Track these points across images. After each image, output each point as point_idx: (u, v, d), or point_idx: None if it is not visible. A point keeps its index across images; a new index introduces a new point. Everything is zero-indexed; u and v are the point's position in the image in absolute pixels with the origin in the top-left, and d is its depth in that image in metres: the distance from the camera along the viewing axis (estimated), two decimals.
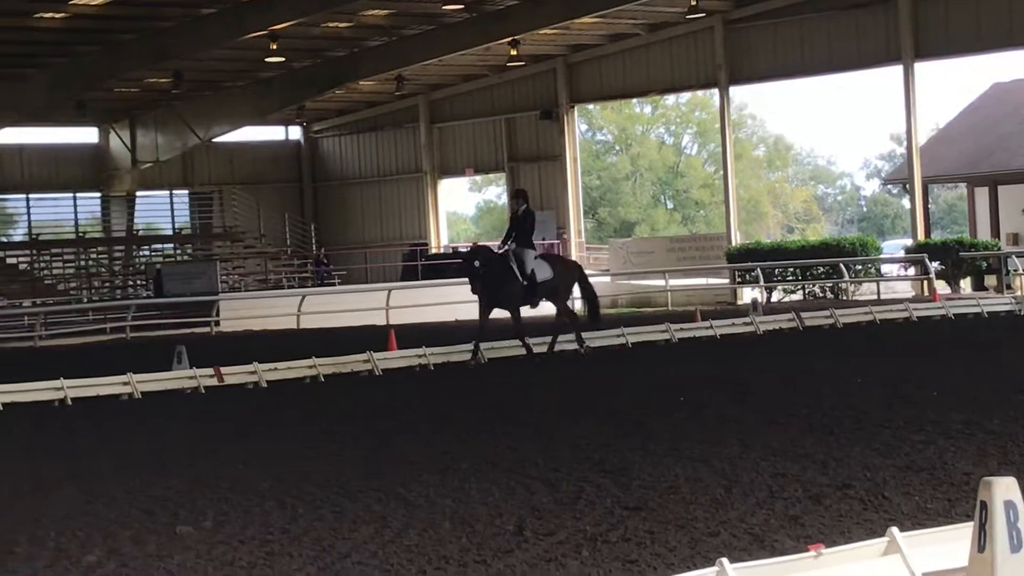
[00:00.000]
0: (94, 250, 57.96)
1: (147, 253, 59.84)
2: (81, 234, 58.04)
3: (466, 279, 26.61)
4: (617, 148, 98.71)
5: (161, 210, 61.51)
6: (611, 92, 59.19)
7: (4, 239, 58.60)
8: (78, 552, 10.40)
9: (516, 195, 27.55)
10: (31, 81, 49.80)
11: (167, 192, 60.97)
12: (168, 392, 23.51)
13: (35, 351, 41.18)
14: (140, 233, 60.06)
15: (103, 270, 57.71)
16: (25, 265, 55.74)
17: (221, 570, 9.61)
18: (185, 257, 58.62)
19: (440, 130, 61.77)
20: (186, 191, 61.93)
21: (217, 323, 46.71)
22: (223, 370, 24.39)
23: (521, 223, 26.66)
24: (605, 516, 10.66)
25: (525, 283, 26.24)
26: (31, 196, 57.25)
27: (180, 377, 24.27)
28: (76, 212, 58.68)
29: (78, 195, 58.68)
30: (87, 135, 59.03)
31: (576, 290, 28.11)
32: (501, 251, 26.56)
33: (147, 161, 58.06)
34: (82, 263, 57.28)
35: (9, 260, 55.62)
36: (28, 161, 57.32)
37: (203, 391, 23.65)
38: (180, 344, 26.40)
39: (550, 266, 26.87)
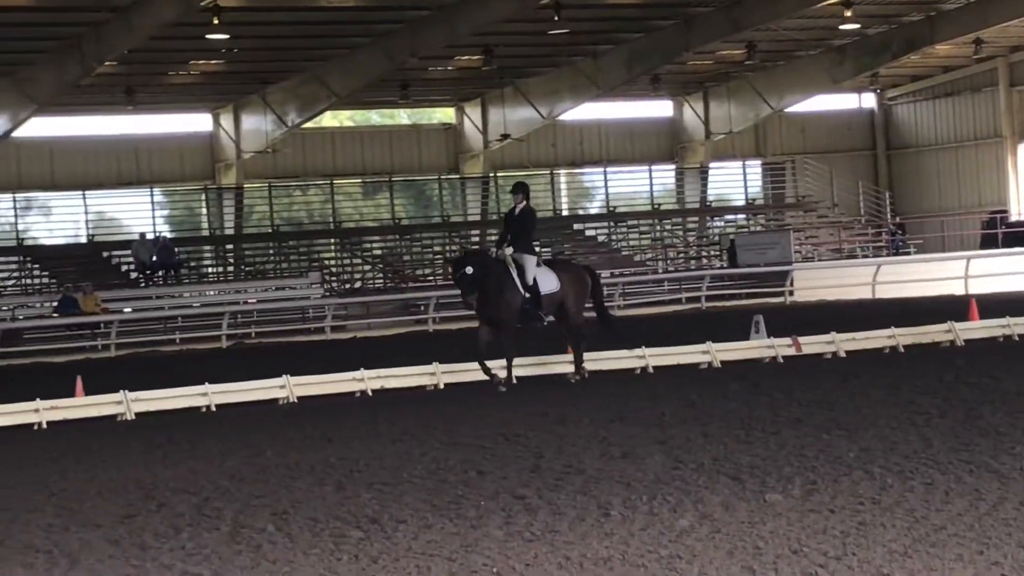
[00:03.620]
0: (668, 221, 59.01)
1: (720, 224, 60.43)
2: (656, 206, 59.19)
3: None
4: None
5: (733, 181, 61.95)
6: None
7: (581, 211, 60.44)
8: (670, 516, 10.60)
9: (515, 189, 22.96)
10: (608, 57, 51.20)
11: (739, 163, 61.34)
12: (746, 361, 23.67)
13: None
14: (713, 204, 60.69)
15: (677, 241, 58.69)
16: (603, 237, 57.37)
17: (813, 539, 9.57)
18: (758, 227, 58.87)
19: (1020, 93, 59.53)
20: (758, 161, 62.12)
21: (791, 293, 46.72)
22: (800, 340, 24.35)
23: (519, 223, 22.64)
24: None
25: (527, 295, 22.13)
26: (608, 169, 58.79)
27: (758, 347, 24.39)
28: (651, 184, 59.88)
29: (653, 167, 59.84)
30: (662, 109, 60.09)
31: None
32: (498, 255, 22.52)
33: (720, 132, 58.61)
34: (657, 234, 58.44)
35: (588, 232, 57.39)
36: (606, 135, 58.86)
37: (780, 360, 23.68)
38: (757, 314, 26.49)
39: (556, 275, 22.59)
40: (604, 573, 9.00)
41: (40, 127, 48.63)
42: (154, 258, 47.57)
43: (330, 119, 54.70)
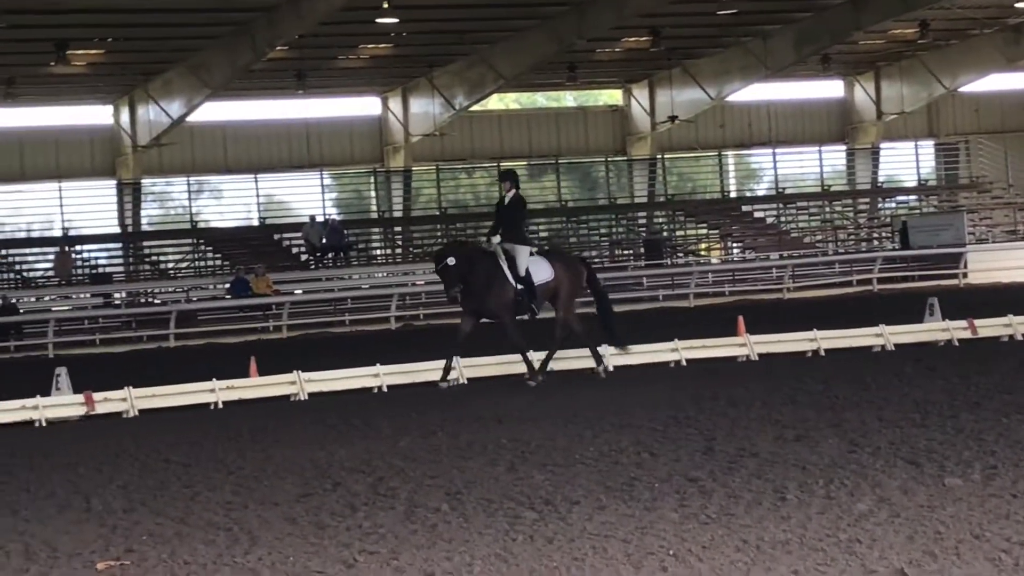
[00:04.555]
0: (838, 203, 58.33)
1: (891, 205, 59.60)
2: (826, 187, 58.51)
3: None
4: None
5: (905, 162, 61.05)
6: None
7: (749, 193, 60.00)
8: (848, 500, 10.46)
9: (503, 177, 22.45)
10: (777, 37, 50.70)
11: (911, 143, 60.40)
12: (921, 344, 23.30)
13: (782, 303, 41.99)
14: (884, 185, 59.86)
15: (847, 223, 57.97)
16: (772, 219, 56.88)
17: (995, 524, 9.38)
18: (930, 209, 57.95)
19: None
20: (931, 142, 61.13)
21: (965, 275, 45.93)
22: (975, 323, 23.92)
23: (509, 212, 21.76)
24: None
25: (519, 287, 21.39)
26: (777, 151, 58.23)
27: (933, 329, 23.99)
28: (821, 165, 59.19)
29: (823, 148, 59.16)
30: (832, 89, 59.37)
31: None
32: (487, 247, 21.84)
33: (892, 112, 57.79)
34: (827, 216, 57.79)
35: (756, 214, 56.95)
36: (774, 116, 58.30)
37: (956, 343, 23.28)
38: (932, 296, 26.04)
39: (549, 264, 21.78)
40: (782, 556, 8.90)
41: (213, 111, 49.50)
42: (324, 240, 48.16)
43: (496, 102, 54.87)
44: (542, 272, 21.53)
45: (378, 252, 53.13)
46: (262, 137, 51.06)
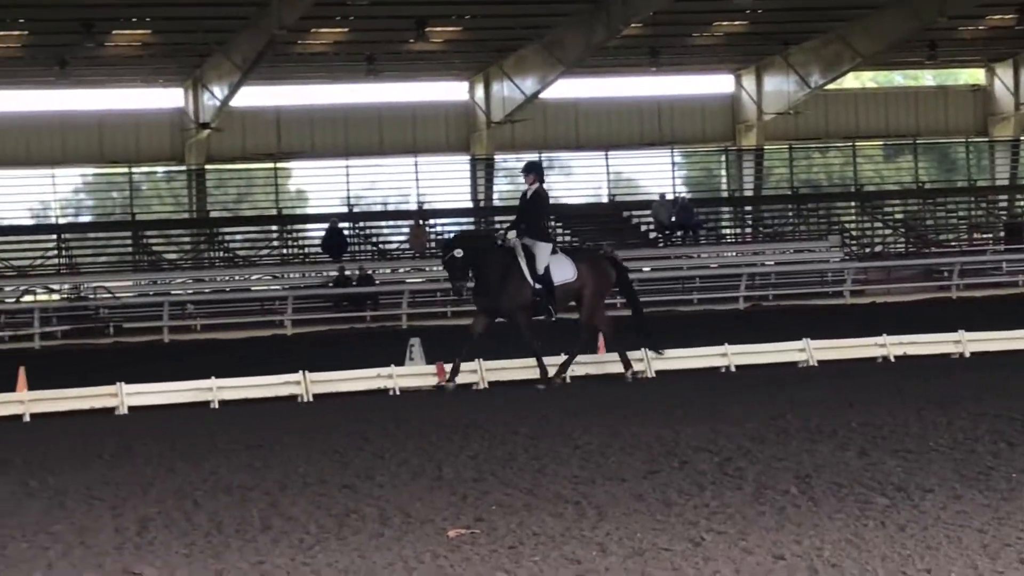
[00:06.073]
0: None
1: None
2: None
3: None
4: None
5: None
6: None
7: None
8: None
9: (528, 169, 20.92)
10: None
11: None
12: None
13: None
14: None
15: None
16: None
17: None
18: None
19: None
20: None
21: None
22: None
23: (530, 206, 20.56)
24: None
25: (537, 286, 20.01)
26: None
27: None
28: None
29: None
30: None
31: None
32: (504, 242, 20.53)
33: None
34: None
35: None
36: None
37: None
38: None
39: (573, 263, 20.37)
40: None
41: (565, 88, 49.89)
42: (673, 218, 48.10)
43: (852, 80, 53.82)
44: (564, 272, 20.26)
45: (727, 231, 52.82)
46: (613, 114, 51.26)
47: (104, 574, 9.13)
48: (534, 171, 20.77)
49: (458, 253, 20.02)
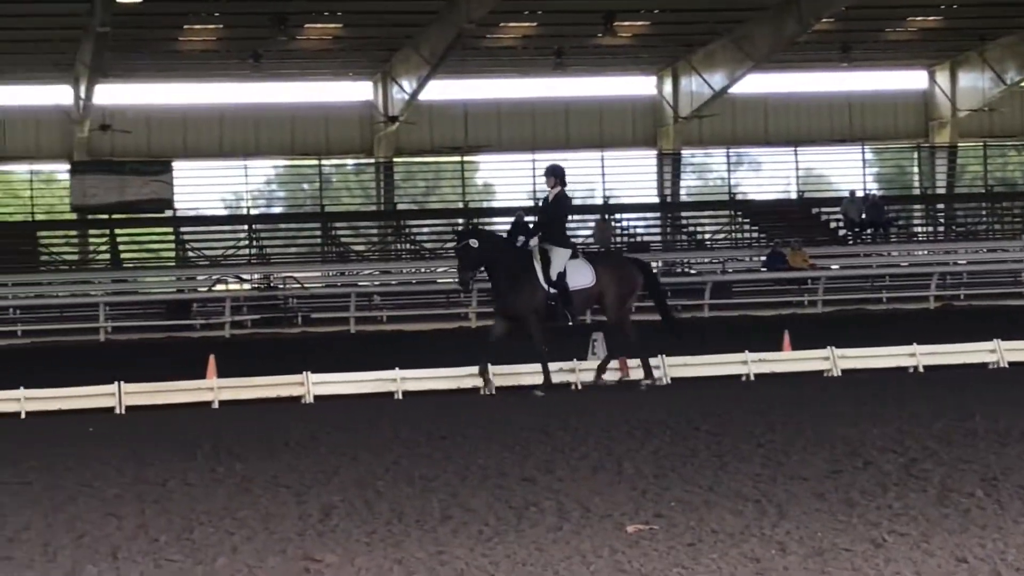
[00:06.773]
0: None
1: None
2: None
3: None
4: None
5: None
6: None
7: None
8: None
9: (550, 173, 20.20)
10: None
11: None
12: None
13: None
14: None
15: None
16: None
17: None
18: None
19: None
20: None
21: None
22: None
23: (551, 211, 19.96)
24: None
25: (552, 291, 19.34)
26: None
27: None
28: None
29: None
30: None
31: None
32: (525, 246, 19.84)
33: None
34: None
35: None
36: None
37: None
38: None
39: (592, 268, 19.69)
40: None
41: (754, 83, 49.49)
42: (863, 216, 47.46)
43: None
44: (582, 277, 19.69)
45: (919, 229, 51.96)
46: (802, 110, 50.73)
47: (286, 560, 9.26)
48: (555, 175, 20.26)
49: (473, 243, 19.65)
